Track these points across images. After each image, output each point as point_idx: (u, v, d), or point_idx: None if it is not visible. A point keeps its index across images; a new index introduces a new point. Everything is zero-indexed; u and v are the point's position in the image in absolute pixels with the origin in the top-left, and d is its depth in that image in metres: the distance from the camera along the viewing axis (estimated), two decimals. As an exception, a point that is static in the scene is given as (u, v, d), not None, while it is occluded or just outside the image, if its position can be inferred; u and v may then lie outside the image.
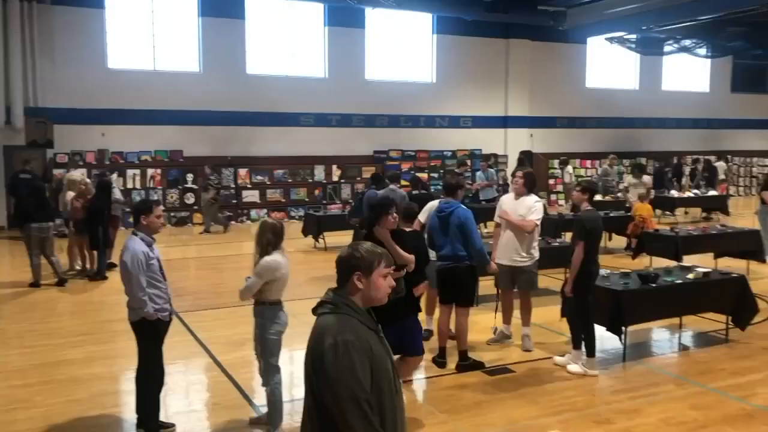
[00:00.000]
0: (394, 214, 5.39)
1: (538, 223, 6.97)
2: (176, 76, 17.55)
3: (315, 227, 13.80)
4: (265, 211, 17.91)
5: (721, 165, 21.28)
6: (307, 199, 18.78)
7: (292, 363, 7.02)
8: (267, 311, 5.14)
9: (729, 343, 7.53)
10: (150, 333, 5.12)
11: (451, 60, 20.88)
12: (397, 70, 20.42)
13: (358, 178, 19.32)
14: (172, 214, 17.12)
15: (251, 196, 18.33)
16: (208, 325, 8.29)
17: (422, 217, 7.21)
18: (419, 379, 6.48)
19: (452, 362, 6.67)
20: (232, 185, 18.08)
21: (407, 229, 6.46)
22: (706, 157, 21.49)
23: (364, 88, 19.72)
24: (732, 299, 7.51)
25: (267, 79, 18.48)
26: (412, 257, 5.38)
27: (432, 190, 16.99)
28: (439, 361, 6.63)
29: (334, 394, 2.48)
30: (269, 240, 5.10)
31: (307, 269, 11.52)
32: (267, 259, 5.06)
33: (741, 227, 11.97)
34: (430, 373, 6.57)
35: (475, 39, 20.98)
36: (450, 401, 5.90)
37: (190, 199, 17.33)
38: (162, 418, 5.35)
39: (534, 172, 7.65)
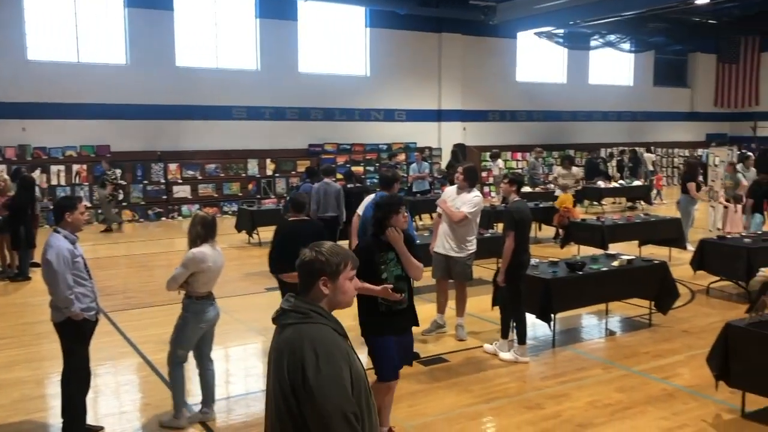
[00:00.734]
0: (405, 213, 4.85)
1: (469, 215, 7.06)
2: (102, 69, 16.96)
3: (249, 222, 13.60)
4: (196, 206, 17.55)
5: (649, 156, 21.95)
6: (240, 194, 18.51)
7: (228, 360, 6.95)
8: (192, 305, 5.11)
9: (652, 328, 7.85)
10: (75, 333, 4.94)
11: (384, 54, 20.93)
12: (330, 63, 20.30)
13: (293, 172, 19.17)
14: (99, 211, 16.56)
15: (182, 191, 17.93)
16: (138, 324, 8.08)
17: (360, 210, 7.25)
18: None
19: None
20: (163, 180, 17.65)
21: (292, 218, 6.40)
22: (633, 148, 22.24)
23: (298, 81, 19.54)
24: (655, 285, 7.81)
25: (197, 72, 18.09)
26: (421, 266, 4.84)
27: (367, 184, 17.10)
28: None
29: (320, 410, 2.30)
30: (198, 232, 5.09)
31: (240, 265, 11.37)
32: (193, 250, 5.04)
33: (663, 216, 12.48)
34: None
35: (407, 33, 21.11)
36: (386, 392, 5.94)
37: (119, 195, 16.77)
38: (91, 420, 5.19)
39: (475, 166, 7.75)
